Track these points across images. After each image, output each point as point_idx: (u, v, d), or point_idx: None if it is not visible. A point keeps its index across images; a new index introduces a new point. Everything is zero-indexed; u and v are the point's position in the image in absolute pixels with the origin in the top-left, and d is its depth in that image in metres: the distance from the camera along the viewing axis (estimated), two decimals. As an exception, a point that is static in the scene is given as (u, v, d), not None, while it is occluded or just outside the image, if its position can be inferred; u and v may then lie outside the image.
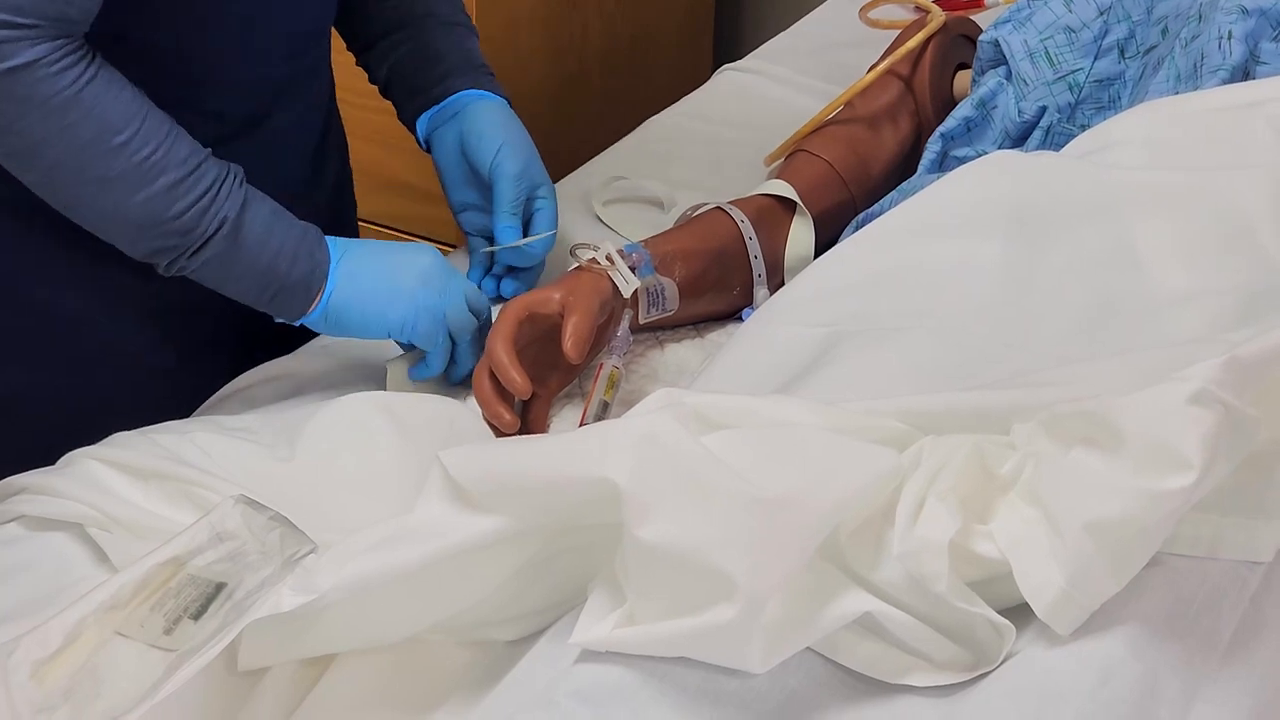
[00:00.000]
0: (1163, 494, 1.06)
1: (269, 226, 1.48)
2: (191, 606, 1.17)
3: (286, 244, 1.49)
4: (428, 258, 1.54)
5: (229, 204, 1.45)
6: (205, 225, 1.45)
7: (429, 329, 1.53)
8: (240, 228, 1.46)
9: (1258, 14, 1.52)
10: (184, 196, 1.43)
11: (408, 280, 1.52)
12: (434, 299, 1.53)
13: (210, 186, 1.45)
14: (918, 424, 1.18)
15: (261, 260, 1.48)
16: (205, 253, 1.46)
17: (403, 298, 1.52)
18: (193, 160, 1.44)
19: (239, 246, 1.47)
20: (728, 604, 1.06)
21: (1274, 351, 1.10)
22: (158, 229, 1.44)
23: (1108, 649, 1.08)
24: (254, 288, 1.49)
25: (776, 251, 1.69)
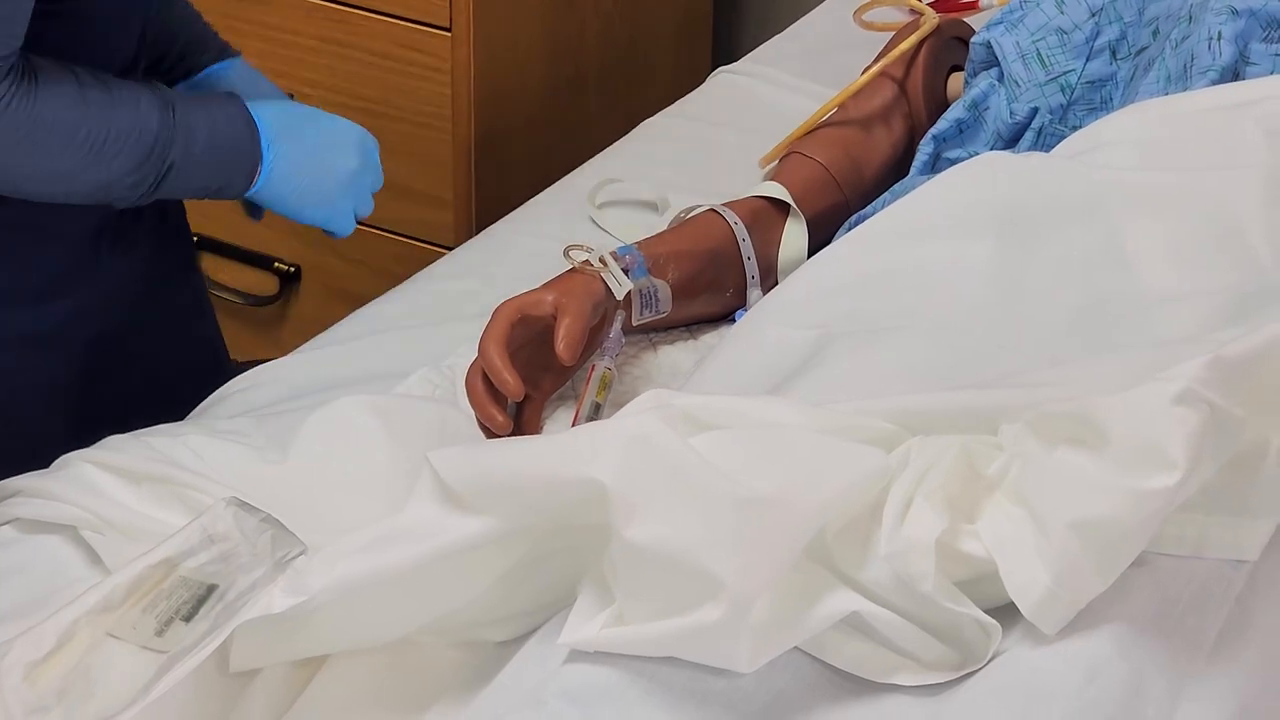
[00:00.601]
0: (1148, 493, 1.06)
1: (207, 143, 1.56)
2: (183, 608, 1.17)
3: (223, 152, 1.57)
4: (352, 158, 1.68)
5: (173, 148, 1.53)
6: (154, 173, 1.53)
7: (341, 222, 1.68)
8: (183, 160, 1.54)
9: (1247, 15, 1.52)
10: (132, 156, 1.51)
11: (330, 182, 1.65)
12: (349, 201, 1.67)
13: (156, 138, 1.52)
14: (906, 424, 1.18)
15: (204, 173, 1.57)
16: (155, 193, 1.55)
17: (322, 200, 1.65)
18: (135, 118, 1.51)
19: (185, 174, 1.55)
20: (715, 604, 1.06)
21: (1259, 351, 1.11)
22: (110, 190, 1.52)
23: (1094, 648, 1.08)
24: (195, 193, 1.60)
25: (770, 253, 1.69)
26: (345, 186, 1.67)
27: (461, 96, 2.52)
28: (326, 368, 1.64)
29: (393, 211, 2.53)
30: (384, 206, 2.55)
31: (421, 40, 2.50)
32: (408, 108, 2.52)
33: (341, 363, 1.65)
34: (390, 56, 2.51)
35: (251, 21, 2.52)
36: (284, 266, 2.68)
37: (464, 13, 2.45)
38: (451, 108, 2.53)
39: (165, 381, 1.76)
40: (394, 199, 2.56)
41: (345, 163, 1.67)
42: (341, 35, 2.50)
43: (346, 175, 1.67)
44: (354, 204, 1.69)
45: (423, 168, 2.54)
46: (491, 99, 2.52)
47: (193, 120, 1.55)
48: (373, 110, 2.53)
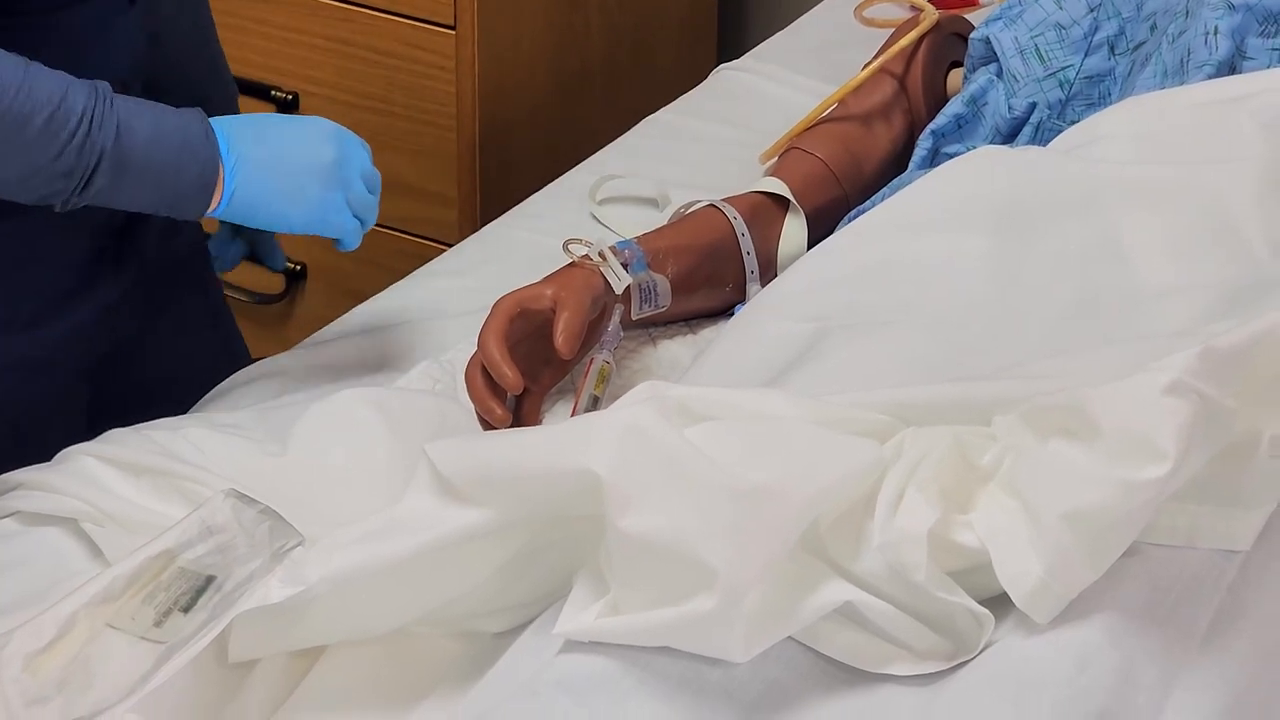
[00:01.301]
0: (1139, 484, 1.06)
1: (150, 143, 1.44)
2: (182, 599, 1.18)
3: (169, 155, 1.45)
4: (327, 149, 1.53)
5: (103, 133, 1.41)
6: (85, 161, 1.41)
7: (335, 221, 1.53)
8: (120, 153, 1.42)
9: (1244, 9, 1.53)
10: (55, 136, 1.39)
11: (308, 178, 1.51)
12: (335, 193, 1.52)
13: (80, 119, 1.40)
14: (900, 416, 1.19)
15: (147, 178, 1.44)
16: (92, 187, 1.42)
17: (304, 198, 1.51)
18: (55, 96, 1.39)
19: (121, 173, 1.43)
20: (709, 594, 1.07)
21: (1251, 342, 1.11)
22: (38, 177, 1.41)
23: (1085, 637, 1.09)
24: (147, 204, 1.47)
25: (770, 248, 1.70)
26: (326, 180, 1.52)
27: (466, 94, 2.53)
28: (327, 362, 1.65)
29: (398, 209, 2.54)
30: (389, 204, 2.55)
31: (426, 38, 2.51)
32: (412, 105, 2.53)
33: (342, 357, 1.66)
34: (394, 54, 2.52)
35: (256, 20, 2.53)
36: (290, 265, 2.69)
37: (468, 10, 2.46)
38: (456, 105, 2.54)
39: (179, 389, 1.71)
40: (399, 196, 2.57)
41: (319, 154, 1.53)
42: (346, 33, 2.51)
43: (322, 167, 1.52)
44: (344, 196, 1.54)
45: (427, 165, 2.55)
46: (495, 96, 2.53)
47: (132, 111, 1.44)
48: (377, 108, 2.54)
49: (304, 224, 1.52)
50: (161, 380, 1.75)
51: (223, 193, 1.48)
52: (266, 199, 1.50)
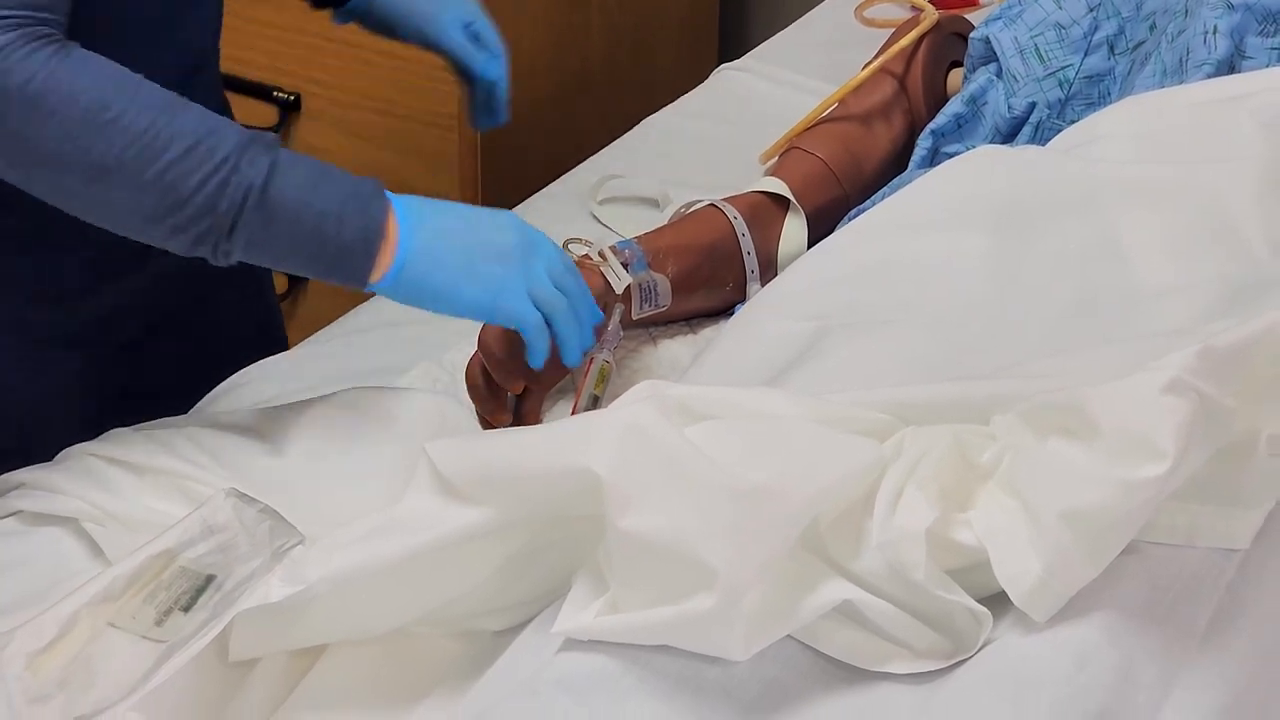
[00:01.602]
0: (1137, 483, 1.07)
1: (308, 188, 1.33)
2: (182, 598, 1.18)
3: (331, 204, 1.33)
4: (510, 233, 1.40)
5: (254, 170, 1.31)
6: (230, 197, 1.31)
7: (511, 306, 1.39)
8: (270, 195, 1.31)
9: (1243, 9, 1.53)
10: (198, 169, 1.30)
11: (486, 254, 1.38)
12: (515, 277, 1.39)
13: (229, 155, 1.30)
14: (900, 415, 1.19)
15: (305, 226, 1.33)
16: (240, 232, 1.32)
17: (480, 275, 1.38)
18: (203, 128, 1.31)
19: (274, 216, 1.32)
20: (708, 593, 1.07)
21: (1250, 341, 1.11)
22: (179, 212, 1.31)
23: (1084, 635, 1.09)
24: (306, 258, 1.35)
25: (770, 248, 1.70)
26: (505, 260, 1.39)
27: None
28: (328, 362, 1.65)
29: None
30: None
31: (427, 39, 2.51)
32: (415, 107, 2.53)
33: (343, 357, 1.66)
34: (397, 56, 2.51)
35: (260, 21, 2.53)
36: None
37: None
38: (456, 106, 2.54)
39: (221, 362, 1.69)
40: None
41: (501, 236, 1.40)
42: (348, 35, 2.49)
43: (503, 247, 1.39)
44: (525, 284, 1.39)
45: (430, 166, 2.55)
46: (497, 97, 2.53)
47: (294, 158, 1.34)
48: (380, 109, 2.54)
49: (476, 304, 1.39)
50: (200, 354, 1.73)
51: (394, 258, 1.36)
52: (441, 271, 1.37)
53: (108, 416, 1.50)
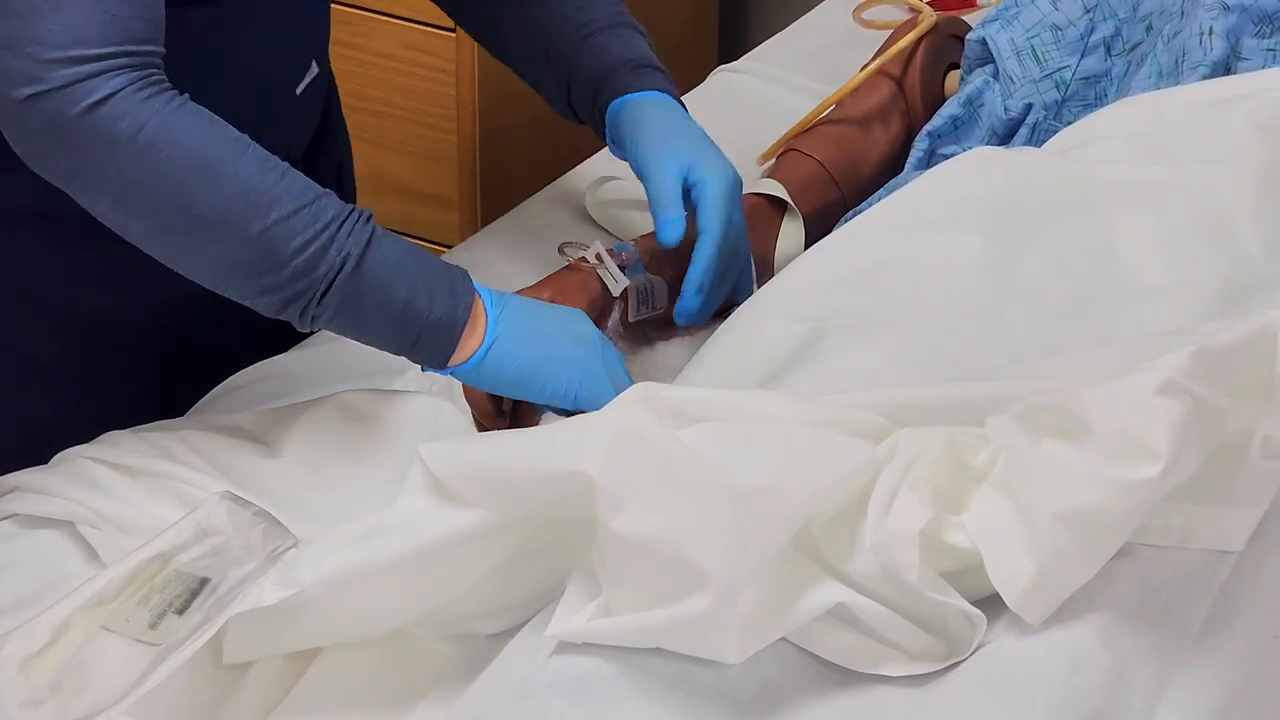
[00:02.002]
0: (1131, 484, 1.07)
1: (401, 262, 1.35)
2: (176, 601, 1.19)
3: (423, 280, 1.36)
4: (588, 326, 1.43)
5: (352, 239, 1.33)
6: (328, 262, 1.32)
7: (595, 392, 1.39)
8: (366, 264, 1.33)
9: (1239, 10, 1.53)
10: (301, 231, 1.31)
11: (565, 341, 1.40)
12: (596, 363, 1.40)
13: (330, 221, 1.32)
14: (894, 416, 1.19)
15: (396, 299, 1.35)
16: (332, 297, 1.33)
17: (564, 362, 1.39)
18: (309, 194, 1.33)
19: (368, 285, 1.34)
20: (701, 595, 1.07)
21: (1243, 342, 1.11)
22: (276, 272, 1.32)
23: (1078, 637, 1.09)
24: (392, 331, 1.37)
25: (767, 250, 1.70)
26: (588, 348, 1.40)
27: (466, 97, 2.54)
28: (324, 364, 1.65)
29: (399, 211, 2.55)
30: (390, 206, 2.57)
31: (426, 41, 2.51)
32: (413, 108, 2.54)
33: (339, 359, 1.65)
34: (395, 58, 2.52)
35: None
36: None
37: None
38: (456, 108, 2.54)
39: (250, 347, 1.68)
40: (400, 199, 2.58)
41: (580, 326, 1.42)
42: (347, 36, 2.52)
43: (583, 336, 1.41)
44: (607, 372, 1.40)
45: (428, 168, 2.56)
46: (496, 99, 2.53)
47: (386, 233, 1.36)
48: (378, 111, 2.55)
49: (558, 391, 1.39)
50: (235, 338, 1.70)
51: (483, 340, 1.37)
52: (527, 358, 1.38)
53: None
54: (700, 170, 1.54)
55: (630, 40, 1.63)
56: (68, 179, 1.31)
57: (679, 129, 1.58)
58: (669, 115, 1.59)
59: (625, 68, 1.61)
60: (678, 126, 1.58)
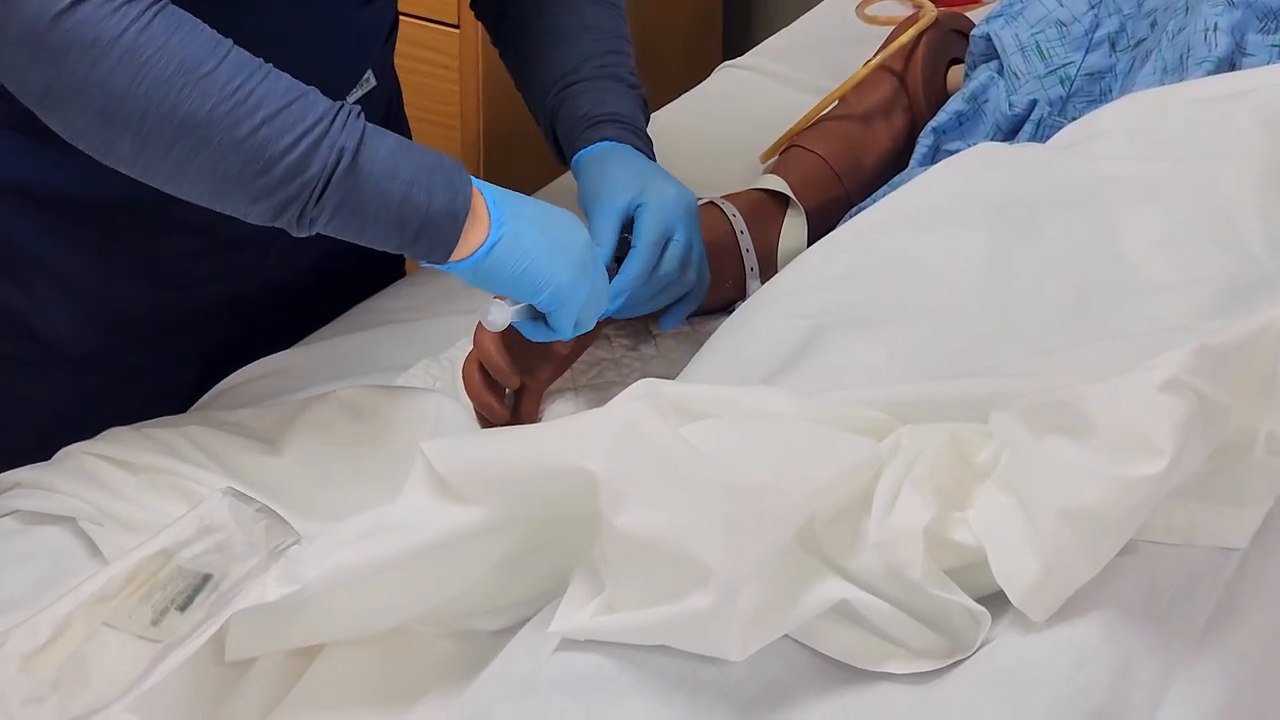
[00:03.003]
0: (1135, 481, 1.06)
1: (396, 155, 1.33)
2: (178, 598, 1.18)
3: (420, 173, 1.34)
4: (580, 230, 1.41)
5: (345, 135, 1.31)
6: (321, 160, 1.30)
7: (576, 301, 1.40)
8: (361, 160, 1.31)
9: (1244, 6, 1.53)
10: (291, 129, 1.29)
11: (573, 245, 1.39)
12: (595, 272, 1.41)
13: (322, 117, 1.31)
14: (897, 413, 1.19)
15: (394, 194, 1.33)
16: (330, 196, 1.31)
17: (566, 263, 1.38)
18: (295, 90, 1.31)
19: (364, 181, 1.32)
20: (703, 592, 1.07)
21: (1247, 339, 1.11)
22: (268, 174, 1.30)
23: (1082, 635, 1.09)
24: (394, 227, 1.34)
25: (769, 246, 1.70)
26: (582, 260, 1.40)
27: (470, 93, 2.54)
28: (327, 360, 1.65)
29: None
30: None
31: (430, 37, 2.51)
32: (417, 105, 2.52)
33: (342, 355, 1.66)
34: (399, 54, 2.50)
35: (260, 19, 2.53)
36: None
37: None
38: (460, 105, 2.54)
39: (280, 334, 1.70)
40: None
41: (579, 233, 1.41)
42: (349, 32, 2.51)
43: (581, 248, 1.41)
44: (589, 290, 1.41)
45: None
46: (500, 96, 2.53)
47: (377, 129, 1.35)
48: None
49: (557, 289, 1.39)
50: (270, 322, 1.72)
51: (488, 234, 1.37)
52: (531, 251, 1.38)
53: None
54: (643, 197, 1.54)
55: (605, 95, 1.63)
56: (43, 92, 1.29)
57: (619, 172, 1.57)
58: (613, 161, 1.58)
59: (581, 125, 1.61)
60: (618, 170, 1.57)
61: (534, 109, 1.69)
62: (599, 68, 1.64)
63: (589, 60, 1.64)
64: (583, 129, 1.61)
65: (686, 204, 1.56)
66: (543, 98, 1.65)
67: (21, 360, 1.65)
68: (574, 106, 1.62)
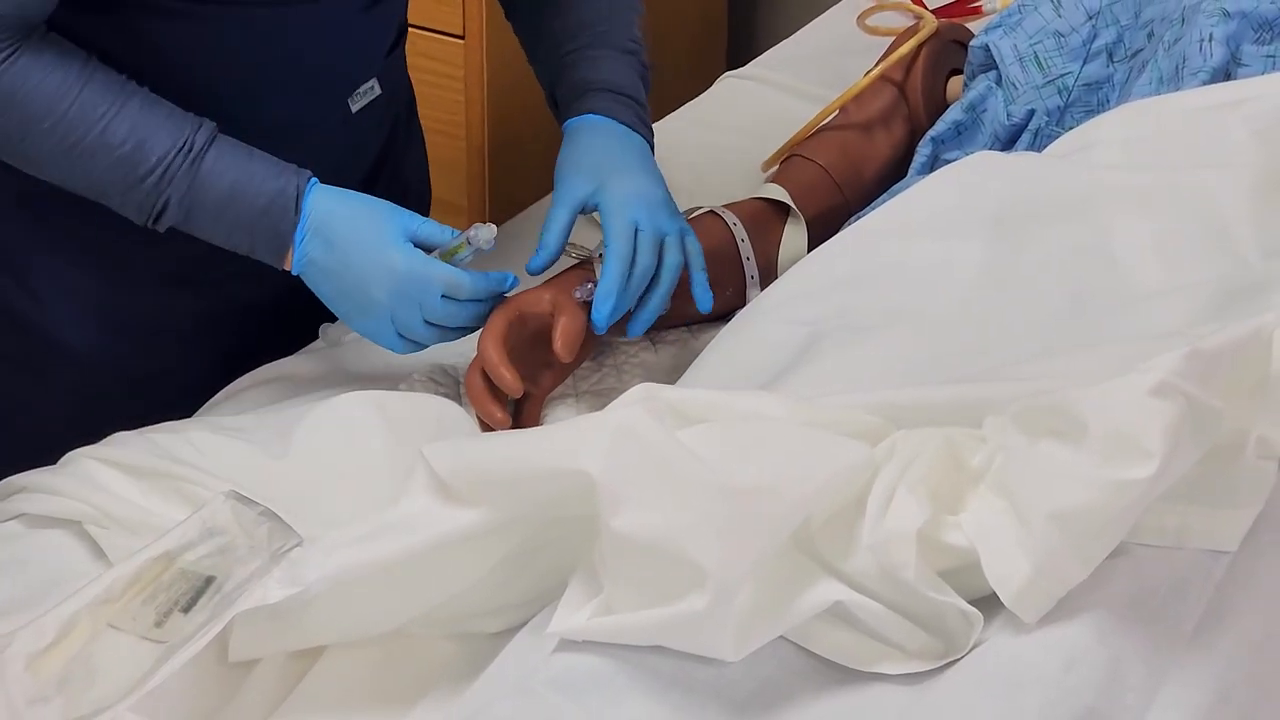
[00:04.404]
0: (1125, 484, 1.08)
1: (225, 199, 1.47)
2: (182, 599, 1.19)
3: (241, 224, 1.48)
4: (380, 292, 1.49)
5: (173, 187, 1.46)
6: (153, 203, 1.46)
7: (387, 344, 1.52)
8: (191, 205, 1.47)
9: (1239, 17, 1.54)
10: (123, 179, 1.45)
11: (378, 291, 1.49)
12: (384, 326, 1.51)
13: (152, 169, 1.45)
14: (892, 417, 1.20)
15: (219, 232, 1.49)
16: (163, 221, 1.48)
17: (374, 310, 1.50)
18: (130, 140, 1.45)
19: (194, 220, 1.48)
20: (700, 593, 1.08)
21: (1237, 344, 1.12)
22: (112, 202, 1.47)
23: (1074, 636, 1.10)
24: (226, 247, 1.51)
25: (769, 254, 1.71)
26: (372, 308, 1.50)
27: (475, 103, 2.54)
28: (331, 366, 1.66)
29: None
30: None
31: (435, 48, 2.52)
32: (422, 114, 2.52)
33: (345, 361, 1.67)
34: (404, 64, 2.53)
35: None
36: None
37: (477, 20, 2.47)
38: (465, 114, 2.55)
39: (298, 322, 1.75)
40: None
41: (372, 288, 1.49)
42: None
43: (370, 305, 1.50)
44: (394, 327, 1.50)
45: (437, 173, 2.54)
46: (504, 105, 2.54)
47: (222, 165, 1.47)
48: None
49: (361, 331, 1.53)
50: (276, 327, 1.75)
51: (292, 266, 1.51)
52: (327, 297, 1.52)
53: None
54: (603, 192, 1.57)
55: (598, 63, 1.66)
56: None
57: (586, 158, 1.60)
58: (587, 142, 1.61)
59: (573, 93, 1.65)
60: (586, 156, 1.60)
61: (540, 76, 1.73)
62: (598, 35, 1.68)
63: (589, 28, 1.69)
64: (574, 98, 1.65)
65: (647, 197, 1.57)
66: (546, 65, 1.70)
67: (28, 365, 1.67)
68: (571, 74, 1.67)
